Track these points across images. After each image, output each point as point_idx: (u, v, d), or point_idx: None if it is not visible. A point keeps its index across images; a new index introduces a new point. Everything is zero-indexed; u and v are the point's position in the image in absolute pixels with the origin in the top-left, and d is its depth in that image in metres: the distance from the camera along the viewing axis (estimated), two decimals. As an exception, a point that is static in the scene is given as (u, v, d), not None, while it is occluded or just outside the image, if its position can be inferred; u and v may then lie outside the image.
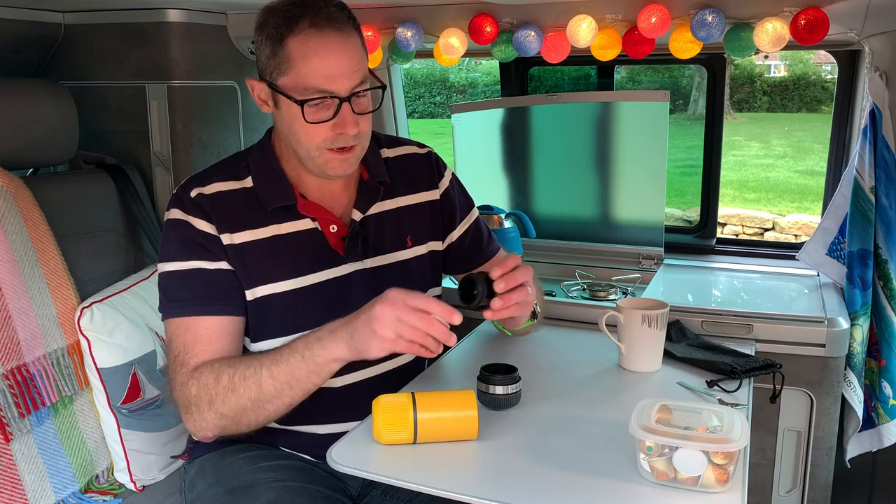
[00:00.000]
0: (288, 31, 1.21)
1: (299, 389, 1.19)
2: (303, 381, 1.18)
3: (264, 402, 1.19)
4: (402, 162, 1.49)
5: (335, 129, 1.25)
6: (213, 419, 1.22)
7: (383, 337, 1.11)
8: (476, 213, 1.58)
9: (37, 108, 1.73)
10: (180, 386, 1.24)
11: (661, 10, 1.65)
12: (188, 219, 1.29)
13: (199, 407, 1.22)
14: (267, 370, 1.18)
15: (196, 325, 1.26)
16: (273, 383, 1.18)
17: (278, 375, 1.18)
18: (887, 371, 1.75)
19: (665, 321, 1.40)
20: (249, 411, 1.20)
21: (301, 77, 1.22)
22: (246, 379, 1.19)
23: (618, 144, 2.23)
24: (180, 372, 1.25)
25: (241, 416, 1.21)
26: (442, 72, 11.89)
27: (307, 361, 1.17)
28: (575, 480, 1.02)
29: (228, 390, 1.19)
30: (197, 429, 1.24)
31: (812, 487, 1.70)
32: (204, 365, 1.24)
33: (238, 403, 1.19)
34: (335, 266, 1.35)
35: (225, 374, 1.20)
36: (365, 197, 1.40)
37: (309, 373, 1.17)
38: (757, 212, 7.79)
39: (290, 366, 1.17)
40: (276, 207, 1.32)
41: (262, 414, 1.21)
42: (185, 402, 1.24)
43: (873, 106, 1.73)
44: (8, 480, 1.42)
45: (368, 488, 1.39)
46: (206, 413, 1.22)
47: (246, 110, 2.24)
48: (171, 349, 1.28)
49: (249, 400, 1.19)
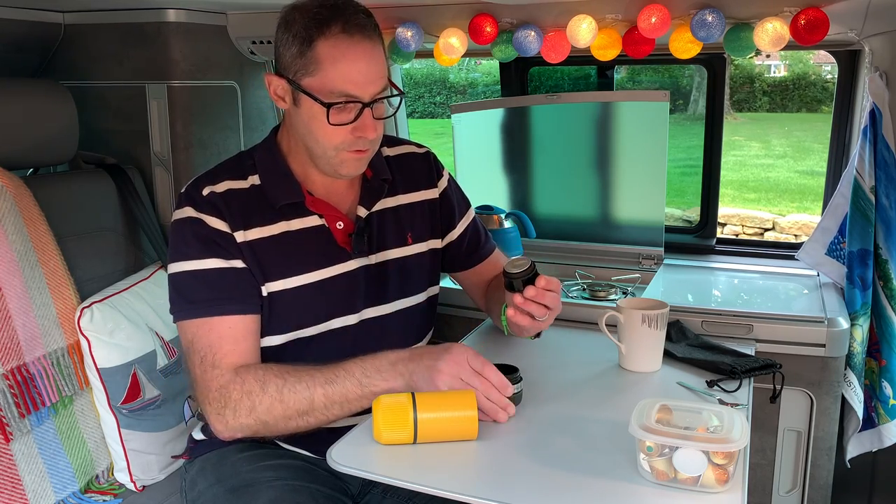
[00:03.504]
0: (318, 33, 1.23)
1: (347, 410, 1.22)
2: (353, 403, 1.22)
3: (310, 415, 1.22)
4: (402, 161, 1.51)
5: (355, 132, 1.27)
6: (250, 424, 1.24)
7: (437, 385, 1.17)
8: (473, 213, 1.61)
9: (37, 108, 1.73)
10: (218, 388, 1.24)
11: (661, 10, 1.65)
12: (202, 216, 1.29)
13: (236, 411, 1.23)
14: (321, 388, 1.21)
15: (220, 325, 1.27)
16: (325, 401, 1.21)
17: (332, 395, 1.21)
18: (887, 371, 1.75)
19: (665, 321, 1.40)
20: (291, 422, 1.23)
21: (328, 80, 1.23)
22: (297, 393, 1.21)
23: (618, 144, 2.23)
24: (214, 374, 1.25)
25: (280, 424, 1.23)
26: (442, 72, 11.90)
27: (363, 388, 1.20)
28: (575, 480, 1.02)
29: (276, 401, 1.22)
30: (226, 429, 1.25)
31: (812, 487, 1.70)
32: (245, 370, 1.25)
33: (283, 414, 1.22)
34: (342, 262, 1.37)
35: (272, 385, 1.22)
36: (369, 194, 1.42)
37: (361, 398, 1.21)
38: (757, 212, 7.79)
39: (346, 389, 1.21)
40: (285, 205, 1.34)
41: (302, 424, 1.24)
42: (221, 403, 1.24)
43: (873, 106, 1.72)
44: (8, 480, 1.42)
45: (369, 487, 1.39)
46: (243, 418, 1.23)
47: (246, 110, 2.24)
48: (195, 350, 1.27)
49: (297, 412, 1.22)
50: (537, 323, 1.35)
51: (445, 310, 1.87)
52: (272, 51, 2.12)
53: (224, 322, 1.27)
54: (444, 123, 9.62)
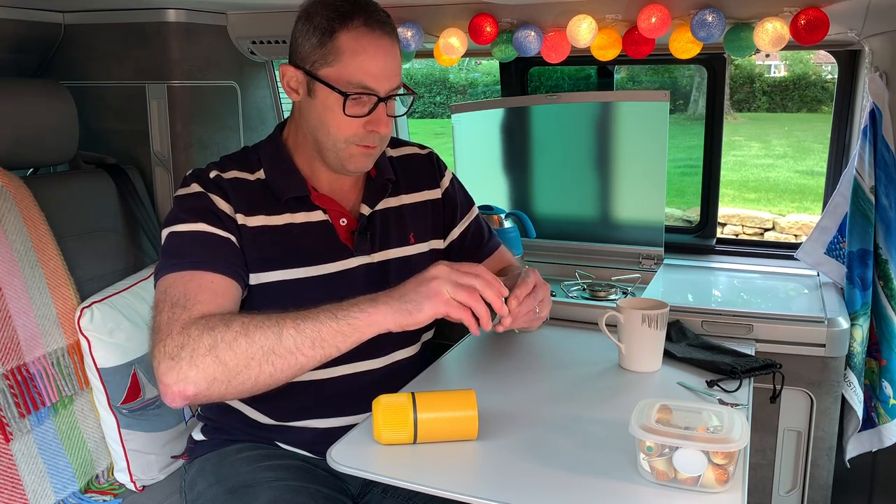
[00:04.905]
0: (341, 25, 1.25)
1: (319, 351, 1.11)
2: (327, 340, 1.11)
3: (276, 355, 1.10)
4: (405, 162, 1.52)
5: (367, 126, 1.29)
6: (207, 367, 1.09)
7: (439, 294, 1.12)
8: (476, 211, 1.61)
9: (37, 108, 1.73)
10: (181, 329, 1.12)
11: (661, 10, 1.65)
12: (206, 193, 1.29)
13: (194, 352, 1.09)
14: (292, 322, 1.11)
15: (201, 277, 1.21)
16: (295, 336, 1.10)
17: (303, 329, 1.11)
18: (887, 371, 1.75)
19: (665, 321, 1.40)
20: (254, 364, 1.10)
21: (347, 71, 1.25)
22: (263, 328, 1.11)
23: (618, 144, 2.23)
24: (181, 316, 1.14)
25: (241, 369, 1.10)
26: (442, 72, 11.90)
27: (339, 322, 1.11)
28: (575, 480, 1.02)
29: (240, 335, 1.10)
30: (178, 379, 1.09)
31: (812, 487, 1.70)
32: (213, 314, 1.15)
33: (246, 352, 1.09)
34: (344, 259, 1.37)
35: (238, 321, 1.12)
36: (373, 193, 1.43)
37: (336, 334, 1.11)
38: (757, 212, 7.80)
39: (319, 322, 1.11)
40: (290, 198, 1.35)
41: (266, 369, 1.10)
42: (177, 346, 1.11)
43: (873, 106, 1.72)
44: (8, 480, 1.42)
45: (368, 487, 1.39)
46: (200, 359, 1.09)
47: (246, 110, 2.24)
48: (169, 297, 1.18)
49: (261, 349, 1.09)
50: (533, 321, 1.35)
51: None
52: (272, 51, 2.15)
53: (206, 276, 1.21)
54: (444, 123, 9.63)
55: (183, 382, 1.09)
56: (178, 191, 1.33)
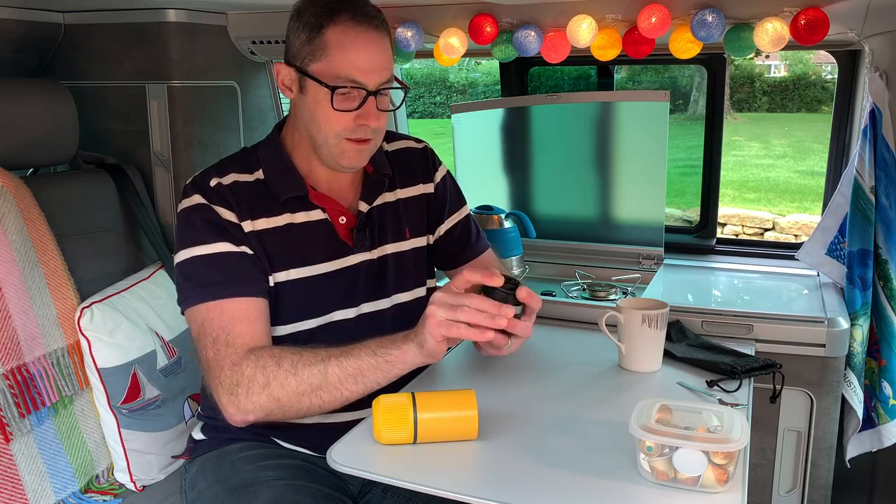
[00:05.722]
0: (328, 20, 1.26)
1: (362, 384, 1.20)
2: (368, 375, 1.19)
3: (323, 391, 1.20)
4: (401, 155, 1.52)
5: (357, 120, 1.29)
6: (263, 401, 1.20)
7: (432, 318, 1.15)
8: (467, 211, 1.60)
9: (37, 108, 1.73)
10: (231, 366, 1.22)
11: (661, 10, 1.65)
12: (211, 205, 1.30)
13: (249, 388, 1.20)
14: (336, 360, 1.19)
15: (230, 307, 1.26)
16: (339, 373, 1.19)
17: (346, 367, 1.19)
18: (887, 371, 1.74)
19: (665, 321, 1.40)
20: (304, 398, 1.20)
21: (334, 65, 1.26)
22: (311, 365, 1.19)
23: (618, 144, 2.23)
24: (228, 353, 1.23)
25: (293, 402, 1.20)
26: (442, 72, 11.90)
27: (377, 358, 1.19)
28: (575, 480, 1.02)
29: (290, 374, 1.19)
30: (239, 410, 1.22)
31: (812, 487, 1.70)
32: (261, 349, 1.24)
33: (297, 389, 1.19)
34: (345, 256, 1.38)
35: (287, 359, 1.21)
36: (370, 189, 1.43)
37: (375, 369, 1.19)
38: (757, 212, 7.79)
39: (360, 360, 1.19)
40: (288, 198, 1.35)
41: (315, 402, 1.20)
42: (233, 382, 1.21)
43: (873, 106, 1.72)
44: (8, 480, 1.42)
45: (369, 487, 1.39)
46: (256, 395, 1.20)
47: (246, 110, 2.24)
48: (207, 332, 1.26)
49: (310, 387, 1.19)
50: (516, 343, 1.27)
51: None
52: (272, 51, 2.15)
53: (235, 304, 1.26)
54: (444, 123, 9.62)
55: (244, 413, 1.22)
56: (181, 203, 1.33)
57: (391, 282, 1.43)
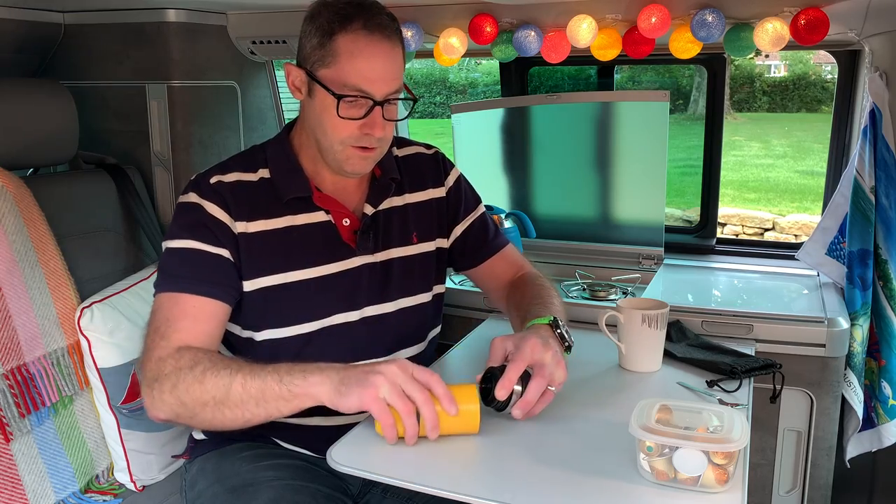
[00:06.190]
0: (340, 27, 1.25)
1: (263, 410, 1.13)
2: (270, 402, 1.12)
3: (225, 406, 1.14)
4: (411, 161, 1.52)
5: (363, 128, 1.29)
6: (172, 403, 1.17)
7: (372, 389, 1.06)
8: (482, 209, 1.61)
9: (37, 108, 1.73)
10: (157, 359, 1.20)
11: (661, 10, 1.65)
12: (202, 203, 1.30)
13: (162, 386, 1.17)
14: (241, 377, 1.13)
15: (185, 301, 1.25)
16: (242, 392, 1.13)
17: (249, 388, 1.13)
18: (887, 371, 1.75)
19: (665, 321, 1.40)
20: (208, 409, 1.15)
21: (343, 73, 1.26)
22: (217, 377, 1.14)
23: (618, 144, 2.23)
24: (160, 345, 1.22)
25: (198, 411, 1.16)
26: (442, 72, 11.91)
27: (281, 386, 1.11)
28: (575, 480, 1.02)
29: (197, 381, 1.15)
30: (152, 405, 1.19)
31: (812, 487, 1.70)
32: (189, 349, 1.21)
33: (200, 398, 1.15)
34: (346, 258, 1.37)
35: (201, 365, 1.17)
36: (377, 193, 1.43)
37: (278, 398, 1.12)
38: (757, 212, 7.80)
39: (265, 383, 1.12)
40: (292, 198, 1.35)
41: (218, 417, 1.15)
42: (154, 375, 1.19)
43: (873, 106, 1.72)
44: (8, 480, 1.42)
45: (368, 487, 1.39)
46: (166, 394, 1.17)
47: (246, 110, 2.24)
48: (154, 320, 1.26)
49: (212, 399, 1.14)
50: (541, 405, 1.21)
51: (445, 309, 1.87)
52: (272, 51, 2.15)
53: (191, 300, 1.25)
54: (444, 123, 9.62)
55: (156, 410, 1.20)
56: (179, 198, 1.35)
57: (396, 285, 1.43)
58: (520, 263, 1.60)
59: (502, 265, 1.59)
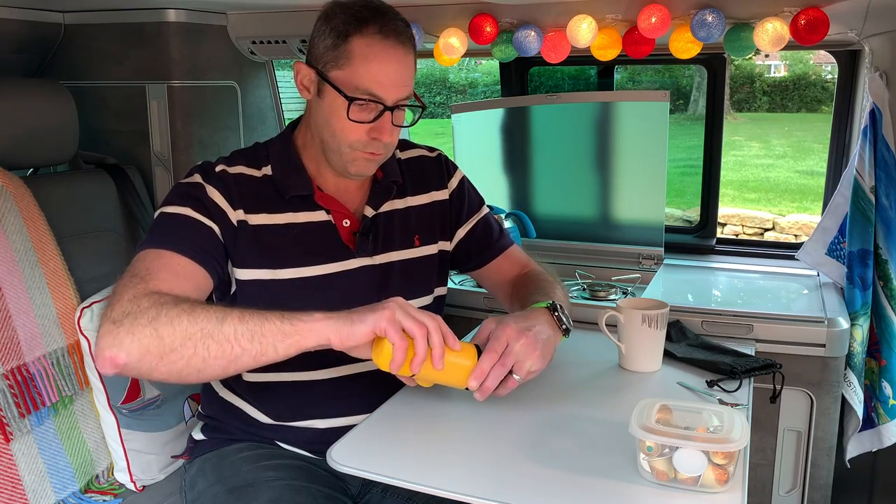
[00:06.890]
0: (355, 29, 1.25)
1: (256, 346, 1.06)
2: (266, 337, 1.06)
3: (212, 339, 1.06)
4: (414, 164, 1.52)
5: (371, 133, 1.28)
6: (143, 337, 1.05)
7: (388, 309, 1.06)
8: (486, 210, 1.60)
9: (37, 108, 1.72)
10: (131, 298, 1.10)
11: (661, 10, 1.65)
12: (204, 185, 1.30)
13: (135, 320, 1.06)
14: (239, 314, 1.08)
15: (169, 258, 1.21)
16: (237, 325, 1.06)
17: (248, 322, 1.07)
18: (887, 371, 1.75)
19: (665, 321, 1.40)
20: (190, 342, 1.06)
21: (356, 76, 1.25)
22: (209, 311, 1.08)
23: (618, 144, 2.23)
24: (135, 285, 1.13)
25: (176, 347, 1.06)
26: (442, 72, 11.89)
27: (283, 321, 1.07)
28: (575, 480, 1.02)
29: (184, 312, 1.07)
30: (112, 343, 1.06)
31: (812, 487, 1.70)
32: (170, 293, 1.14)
33: (186, 330, 1.06)
34: (345, 259, 1.37)
35: (187, 301, 1.11)
36: (378, 195, 1.43)
37: (277, 332, 1.06)
38: (757, 212, 7.80)
39: (266, 319, 1.07)
40: (293, 196, 1.35)
41: (199, 352, 1.06)
42: (125, 311, 1.08)
43: (873, 106, 1.72)
44: (8, 480, 1.42)
45: (368, 487, 1.39)
46: (139, 328, 1.06)
47: (246, 110, 2.24)
48: (133, 268, 1.18)
49: (200, 331, 1.06)
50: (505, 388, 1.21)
51: (445, 309, 1.87)
52: (272, 51, 2.15)
53: (175, 257, 1.21)
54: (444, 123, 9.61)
55: (116, 348, 1.06)
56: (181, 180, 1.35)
57: (396, 288, 1.42)
58: (524, 262, 1.60)
59: (507, 265, 1.58)
